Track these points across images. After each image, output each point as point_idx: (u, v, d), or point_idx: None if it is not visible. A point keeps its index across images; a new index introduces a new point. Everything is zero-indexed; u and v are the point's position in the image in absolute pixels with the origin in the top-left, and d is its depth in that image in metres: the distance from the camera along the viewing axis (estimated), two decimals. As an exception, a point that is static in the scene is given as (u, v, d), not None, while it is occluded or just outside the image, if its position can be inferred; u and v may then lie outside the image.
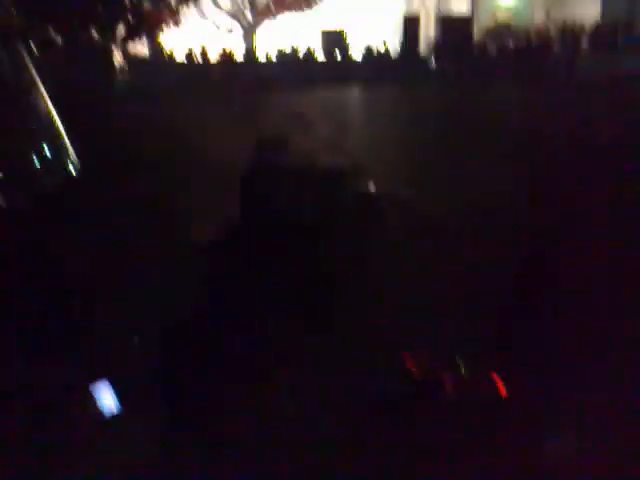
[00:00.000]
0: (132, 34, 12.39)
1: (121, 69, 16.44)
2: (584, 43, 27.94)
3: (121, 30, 12.36)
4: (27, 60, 2.44)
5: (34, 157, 2.51)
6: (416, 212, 6.83)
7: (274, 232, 5.71)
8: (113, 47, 13.71)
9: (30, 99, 2.47)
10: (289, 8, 27.48)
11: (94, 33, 12.61)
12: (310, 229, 5.94)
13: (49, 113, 2.54)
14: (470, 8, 36.35)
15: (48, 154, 2.56)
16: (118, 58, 14.27)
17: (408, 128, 13.03)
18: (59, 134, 2.56)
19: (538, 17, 36.99)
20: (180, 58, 24.23)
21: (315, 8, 27.84)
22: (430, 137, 11.79)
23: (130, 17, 12.22)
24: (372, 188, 6.67)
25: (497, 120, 12.71)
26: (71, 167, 2.64)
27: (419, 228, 6.53)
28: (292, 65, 24.77)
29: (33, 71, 2.46)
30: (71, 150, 2.67)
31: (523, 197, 7.45)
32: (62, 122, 2.83)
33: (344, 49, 25.88)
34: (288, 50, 25.93)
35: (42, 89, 2.52)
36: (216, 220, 5.98)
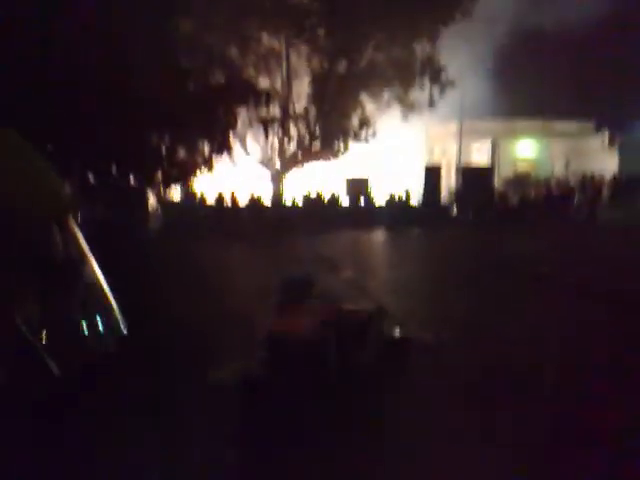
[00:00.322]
0: (167, 181, 13.14)
1: (156, 212, 17.32)
2: (604, 193, 28.78)
3: (157, 176, 13.16)
4: (78, 233, 2.64)
5: (86, 328, 2.67)
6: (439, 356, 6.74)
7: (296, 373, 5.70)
8: (149, 191, 14.55)
9: (80, 270, 2.65)
10: (316, 157, 28.87)
11: (132, 179, 13.43)
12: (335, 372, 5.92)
13: (98, 282, 2.71)
14: (490, 159, 38.00)
15: (100, 324, 2.72)
16: (153, 201, 15.08)
17: (431, 272, 13.21)
18: (109, 302, 2.73)
19: (558, 168, 38.49)
20: (211, 201, 25.39)
21: (341, 157, 29.24)
22: (452, 283, 11.91)
23: (166, 165, 13.03)
24: (397, 332, 6.69)
25: (522, 268, 12.83)
26: (122, 328, 2.78)
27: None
28: (318, 209, 25.66)
29: (83, 243, 2.66)
30: (118, 314, 2.83)
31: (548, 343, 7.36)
32: (103, 265, 2.98)
33: (368, 195, 26.92)
34: (314, 195, 27.07)
35: (91, 259, 2.71)
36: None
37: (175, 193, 21.72)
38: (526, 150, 41.51)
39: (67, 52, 11.00)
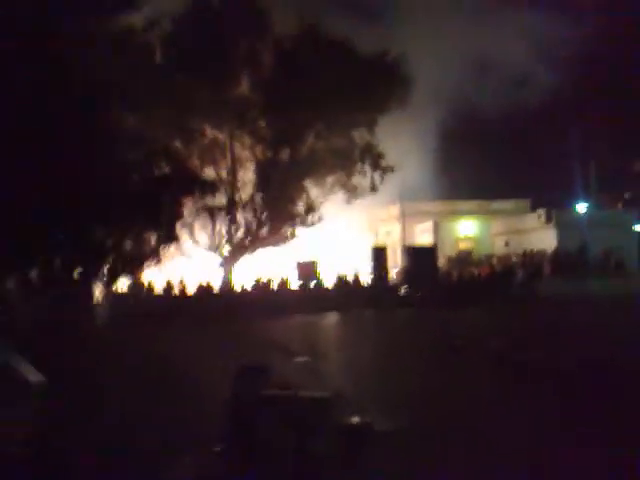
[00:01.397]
0: (114, 274, 12.98)
1: (102, 304, 17.00)
2: (544, 269, 29.84)
3: (103, 270, 12.99)
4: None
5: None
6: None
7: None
8: (94, 284, 14.29)
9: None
10: (264, 244, 29.05)
11: (76, 274, 13.22)
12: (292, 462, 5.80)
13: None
14: (433, 237, 38.99)
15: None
16: (98, 295, 14.79)
17: (384, 353, 13.24)
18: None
19: (498, 246, 39.74)
20: (159, 290, 25.06)
21: (289, 242, 29.48)
22: (403, 363, 11.98)
23: (112, 258, 12.91)
24: (355, 418, 6.62)
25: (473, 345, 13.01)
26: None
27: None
28: (268, 294, 25.65)
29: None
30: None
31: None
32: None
33: (317, 278, 27.12)
34: (264, 280, 27.09)
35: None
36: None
37: (123, 283, 21.37)
38: (467, 229, 42.81)
39: (4, 147, 10.99)
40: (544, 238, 34.43)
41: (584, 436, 6.61)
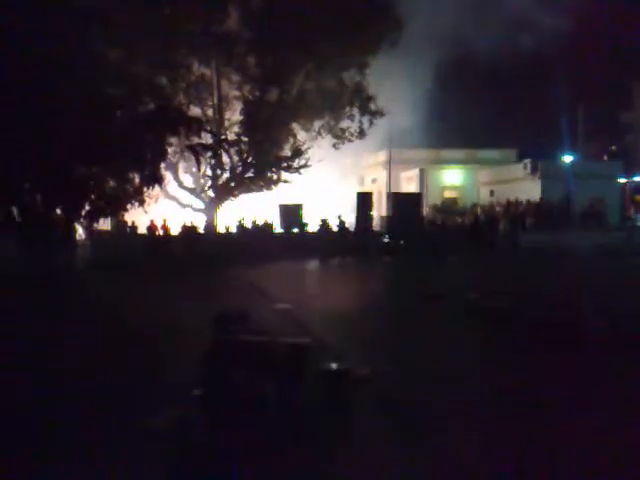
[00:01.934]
0: (96, 213, 12.79)
1: (84, 243, 16.87)
2: (527, 219, 29.99)
3: (85, 208, 12.79)
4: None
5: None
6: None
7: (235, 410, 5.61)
8: (76, 223, 14.12)
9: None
10: (249, 189, 28.77)
11: (58, 211, 13.00)
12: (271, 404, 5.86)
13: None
14: (419, 186, 38.95)
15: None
16: (81, 233, 14.66)
17: (362, 301, 13.34)
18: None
19: (483, 195, 39.82)
20: (142, 231, 24.90)
21: (275, 188, 29.23)
22: (383, 310, 12.09)
23: (94, 197, 12.68)
24: (334, 365, 6.68)
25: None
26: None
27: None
28: (252, 237, 25.58)
29: None
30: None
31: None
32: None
33: (301, 222, 27.05)
34: (248, 222, 26.99)
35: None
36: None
37: (105, 223, 21.16)
38: (453, 178, 42.79)
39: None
40: (529, 188, 34.53)
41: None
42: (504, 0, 39.15)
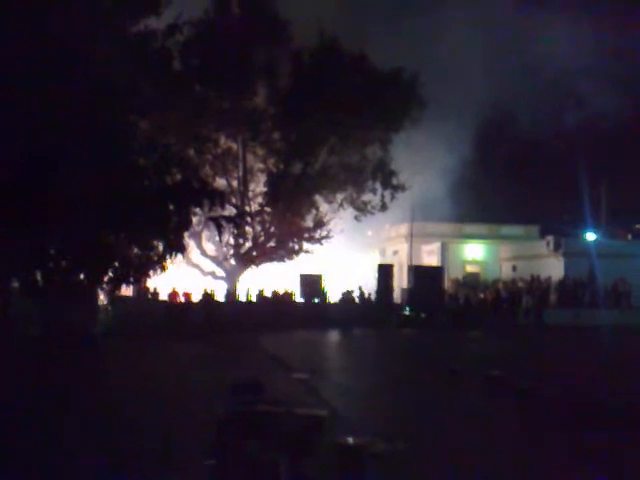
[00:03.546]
0: (119, 280, 13.00)
1: (105, 308, 17.10)
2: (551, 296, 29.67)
3: (109, 274, 13.02)
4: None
5: None
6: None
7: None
8: (99, 289, 14.34)
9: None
10: (271, 258, 29.02)
11: (81, 277, 13.22)
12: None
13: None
14: (440, 259, 38.89)
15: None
16: (103, 298, 14.88)
17: (383, 374, 13.18)
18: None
19: (505, 271, 39.56)
20: (164, 297, 25.10)
21: (296, 258, 29.42)
22: (403, 383, 11.92)
23: (118, 264, 12.91)
24: (350, 439, 6.56)
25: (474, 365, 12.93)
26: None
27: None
28: (272, 306, 25.60)
29: None
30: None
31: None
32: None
33: (322, 292, 27.08)
34: (268, 292, 27.08)
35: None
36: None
37: (127, 288, 21.37)
38: (474, 253, 42.69)
39: (16, 147, 11.03)
40: (552, 266, 34.26)
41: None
42: (531, 77, 39.74)
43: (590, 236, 36.32)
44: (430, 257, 40.49)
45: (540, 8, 39.05)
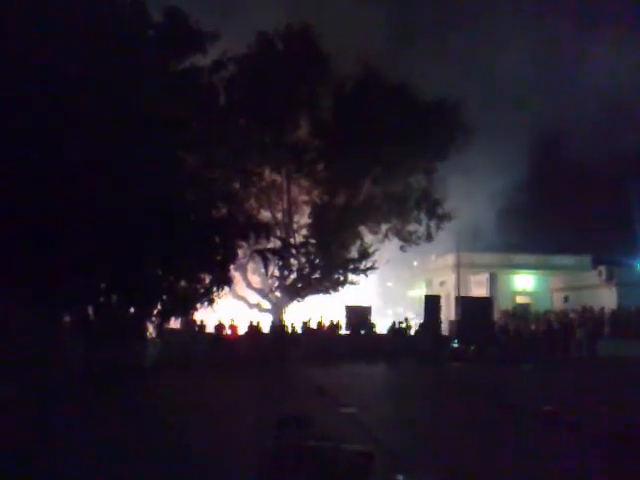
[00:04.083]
0: (168, 313, 13.14)
1: (154, 341, 17.25)
2: (604, 328, 28.68)
3: (157, 307, 13.18)
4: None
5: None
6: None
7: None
8: (148, 321, 14.52)
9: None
10: (316, 290, 28.94)
11: (131, 310, 13.42)
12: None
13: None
14: (489, 290, 38.17)
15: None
16: (152, 331, 15.05)
17: (433, 409, 12.86)
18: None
19: (556, 301, 38.56)
20: (210, 329, 25.19)
21: (341, 290, 29.28)
22: (455, 419, 11.58)
23: (166, 297, 13.08)
24: (400, 477, 6.37)
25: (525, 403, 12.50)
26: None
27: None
28: (318, 338, 25.43)
29: None
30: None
31: None
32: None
33: (369, 324, 26.77)
34: (313, 323, 26.94)
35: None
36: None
37: (175, 321, 21.58)
38: (524, 283, 41.79)
39: (76, 187, 11.35)
40: (604, 296, 33.29)
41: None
42: (584, 101, 38.99)
43: (643, 265, 35.27)
44: (478, 288, 39.81)
45: (594, 27, 38.68)
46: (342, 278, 28.60)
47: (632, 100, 37.72)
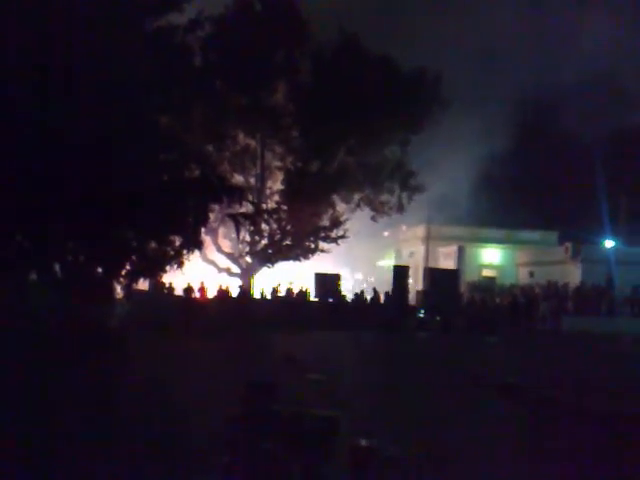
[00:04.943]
0: (136, 274, 13.05)
1: (122, 302, 17.14)
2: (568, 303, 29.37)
3: (126, 268, 13.08)
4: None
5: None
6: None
7: None
8: (116, 283, 14.39)
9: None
10: (286, 257, 28.96)
11: (99, 270, 13.29)
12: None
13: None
14: (457, 262, 38.68)
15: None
16: (120, 292, 14.95)
17: (397, 377, 13.09)
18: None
19: (521, 276, 39.28)
20: (179, 292, 25.15)
21: (312, 257, 29.35)
22: (419, 387, 11.82)
23: (135, 258, 12.97)
24: (364, 441, 6.49)
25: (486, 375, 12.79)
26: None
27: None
28: (287, 304, 25.56)
29: None
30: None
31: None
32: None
33: (337, 292, 26.97)
34: (283, 290, 27.06)
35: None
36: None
37: (144, 283, 21.45)
38: (491, 257, 42.42)
39: (38, 141, 11.11)
40: (569, 272, 33.99)
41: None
42: (552, 76, 39.08)
43: (609, 243, 35.94)
44: (447, 260, 40.30)
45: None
46: (313, 246, 28.68)
47: (613, 73, 38.09)
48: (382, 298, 27.22)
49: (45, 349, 10.84)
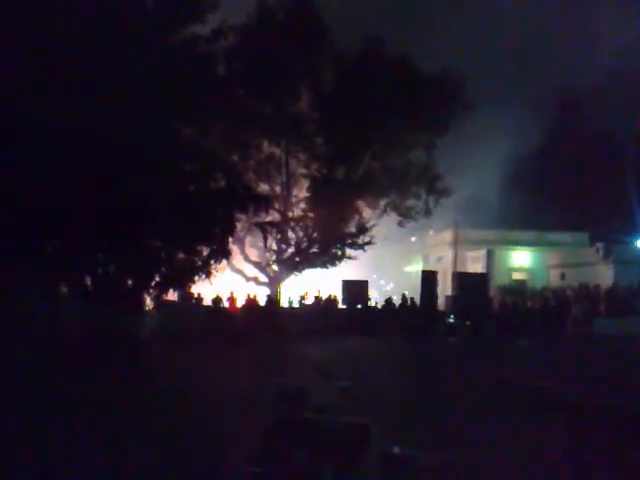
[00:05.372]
0: (165, 285, 13.16)
1: (151, 313, 17.33)
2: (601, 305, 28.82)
3: (155, 279, 13.19)
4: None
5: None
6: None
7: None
8: (145, 294, 14.51)
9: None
10: (313, 264, 28.92)
11: (129, 281, 13.41)
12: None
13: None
14: (486, 266, 38.25)
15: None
16: (149, 303, 15.09)
17: (429, 382, 12.94)
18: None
19: (552, 278, 38.67)
20: (208, 302, 25.24)
21: (339, 264, 29.26)
22: (450, 393, 11.67)
23: (164, 269, 13.08)
24: (395, 449, 6.42)
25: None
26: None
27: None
28: (314, 312, 25.51)
29: None
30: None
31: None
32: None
33: (366, 298, 26.86)
34: (310, 297, 26.99)
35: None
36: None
37: (173, 293, 21.59)
38: (521, 260, 41.88)
39: (76, 158, 11.26)
40: (601, 273, 33.41)
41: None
42: (593, 71, 38.28)
43: (641, 243, 35.33)
44: (475, 264, 39.90)
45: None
46: (340, 252, 28.59)
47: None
48: (411, 304, 27.02)
49: (76, 362, 10.95)
